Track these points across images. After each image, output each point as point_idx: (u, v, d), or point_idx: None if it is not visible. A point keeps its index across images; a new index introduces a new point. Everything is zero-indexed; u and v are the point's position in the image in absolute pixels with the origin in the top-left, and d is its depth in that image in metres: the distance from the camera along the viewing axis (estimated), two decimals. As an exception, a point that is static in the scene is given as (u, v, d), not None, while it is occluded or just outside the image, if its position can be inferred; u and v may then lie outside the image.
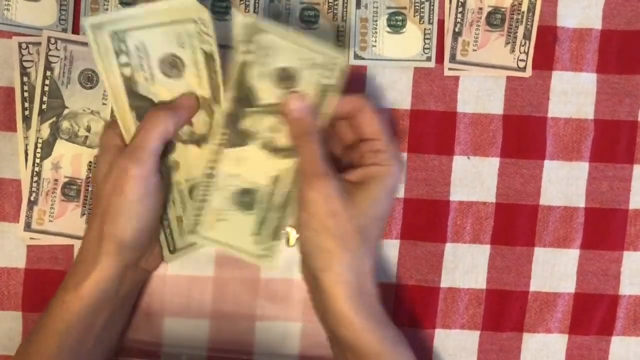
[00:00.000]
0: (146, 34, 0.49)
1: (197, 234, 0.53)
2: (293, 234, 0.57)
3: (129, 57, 0.49)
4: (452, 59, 0.57)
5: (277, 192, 0.52)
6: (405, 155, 0.58)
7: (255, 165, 0.52)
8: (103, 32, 0.48)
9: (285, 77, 0.50)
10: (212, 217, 0.53)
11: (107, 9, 0.56)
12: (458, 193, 0.58)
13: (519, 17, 0.57)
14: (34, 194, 0.56)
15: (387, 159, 0.50)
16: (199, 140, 0.53)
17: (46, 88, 0.55)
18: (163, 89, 0.51)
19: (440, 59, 0.57)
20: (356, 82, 0.57)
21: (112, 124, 0.52)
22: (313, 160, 0.49)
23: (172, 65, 0.51)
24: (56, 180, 0.56)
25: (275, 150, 0.52)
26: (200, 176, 0.52)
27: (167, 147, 0.51)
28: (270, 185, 0.52)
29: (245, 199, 0.53)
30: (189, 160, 0.53)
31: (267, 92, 0.50)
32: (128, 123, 0.51)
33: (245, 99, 0.50)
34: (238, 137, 0.51)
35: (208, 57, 0.50)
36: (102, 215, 0.49)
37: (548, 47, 0.57)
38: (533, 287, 0.59)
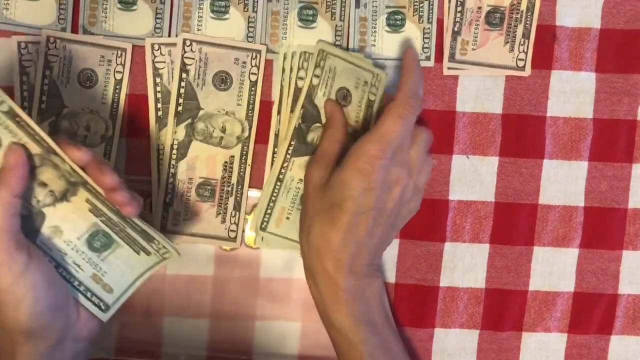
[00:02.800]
0: None
1: (266, 231, 0.56)
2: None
3: None
4: (451, 58, 0.57)
5: None
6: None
7: None
8: None
9: (342, 96, 0.55)
10: (280, 215, 0.55)
11: (105, 9, 0.56)
12: (457, 192, 0.58)
13: (518, 16, 0.57)
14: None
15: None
16: (64, 195, 0.50)
17: (45, 87, 0.55)
18: None
19: (439, 58, 0.57)
20: (355, 81, 0.57)
21: None
22: (318, 149, 0.54)
23: None
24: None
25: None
26: (87, 228, 0.51)
27: (34, 221, 0.49)
28: None
29: None
30: (70, 217, 0.50)
31: None
32: None
33: (310, 116, 0.54)
34: (305, 148, 0.55)
35: (10, 116, 0.46)
36: None
37: (547, 47, 0.58)
38: (532, 287, 0.59)
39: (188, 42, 0.56)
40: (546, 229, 0.59)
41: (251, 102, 0.57)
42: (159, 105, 0.56)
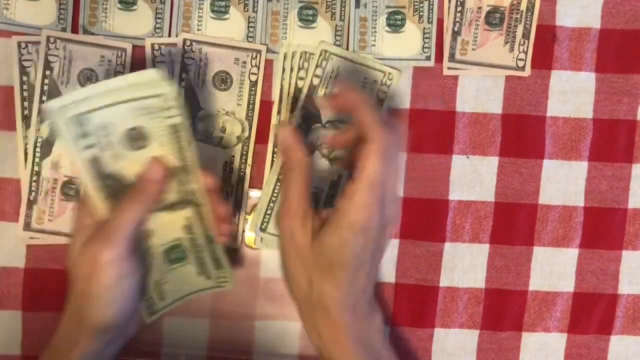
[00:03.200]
0: (108, 113, 0.46)
1: (266, 232, 0.56)
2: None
3: (92, 137, 0.47)
4: (451, 58, 0.57)
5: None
6: (404, 154, 0.58)
7: (317, 172, 0.56)
8: (67, 114, 0.45)
9: None
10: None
11: (105, 9, 0.56)
12: (457, 192, 0.58)
13: (518, 16, 0.57)
14: (33, 194, 0.56)
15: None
16: (172, 206, 0.51)
17: (45, 87, 0.55)
18: (131, 163, 0.49)
19: (439, 58, 0.57)
20: (355, 81, 0.57)
21: (84, 202, 0.50)
22: (286, 199, 0.50)
23: (137, 137, 0.48)
24: (55, 179, 0.56)
25: (334, 159, 0.56)
26: (172, 240, 0.53)
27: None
28: (331, 189, 0.57)
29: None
30: (162, 227, 0.52)
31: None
32: (97, 203, 0.49)
33: (311, 115, 0.55)
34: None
35: (174, 129, 0.48)
36: (79, 297, 0.48)
37: (547, 47, 0.58)
38: (532, 287, 0.59)
39: (188, 42, 0.56)
40: (546, 229, 0.59)
41: (251, 102, 0.57)
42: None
